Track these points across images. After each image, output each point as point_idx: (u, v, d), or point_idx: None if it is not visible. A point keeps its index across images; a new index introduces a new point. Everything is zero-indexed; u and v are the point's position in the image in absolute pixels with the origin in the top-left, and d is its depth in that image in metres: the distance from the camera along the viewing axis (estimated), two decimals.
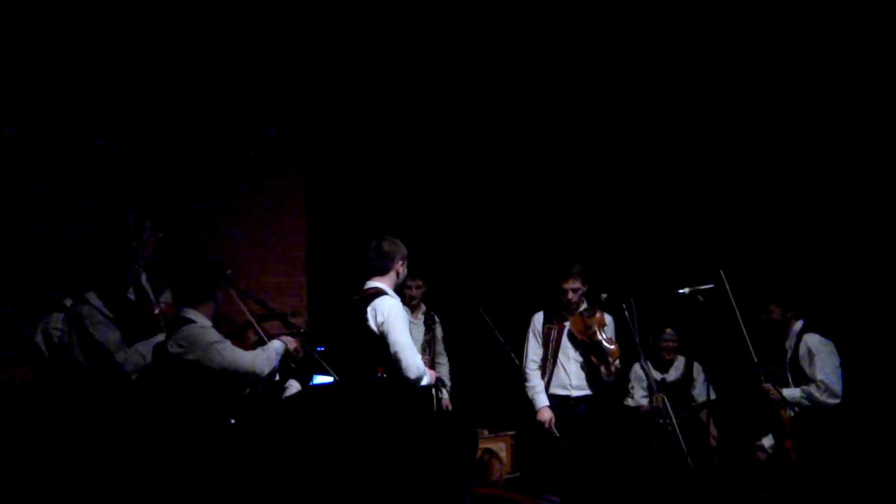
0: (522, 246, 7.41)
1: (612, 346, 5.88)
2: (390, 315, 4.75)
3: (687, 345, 6.50)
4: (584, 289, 5.97)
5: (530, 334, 6.10)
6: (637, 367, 6.44)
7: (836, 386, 5.47)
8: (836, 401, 5.46)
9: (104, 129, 6.49)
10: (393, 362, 4.72)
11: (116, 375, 4.62)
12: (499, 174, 7.52)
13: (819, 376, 5.46)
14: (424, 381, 4.80)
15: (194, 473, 4.24)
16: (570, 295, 5.91)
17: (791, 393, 5.53)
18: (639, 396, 6.49)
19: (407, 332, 4.79)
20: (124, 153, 6.52)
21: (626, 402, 6.51)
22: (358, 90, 7.31)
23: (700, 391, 6.35)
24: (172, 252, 5.30)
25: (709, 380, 6.04)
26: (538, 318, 6.10)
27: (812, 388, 5.47)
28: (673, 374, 6.50)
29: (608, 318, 6.00)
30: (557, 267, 5.95)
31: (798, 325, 5.64)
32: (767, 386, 5.53)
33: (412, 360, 4.72)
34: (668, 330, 6.49)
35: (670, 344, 6.50)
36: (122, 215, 5.00)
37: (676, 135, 7.26)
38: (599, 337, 5.88)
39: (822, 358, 5.50)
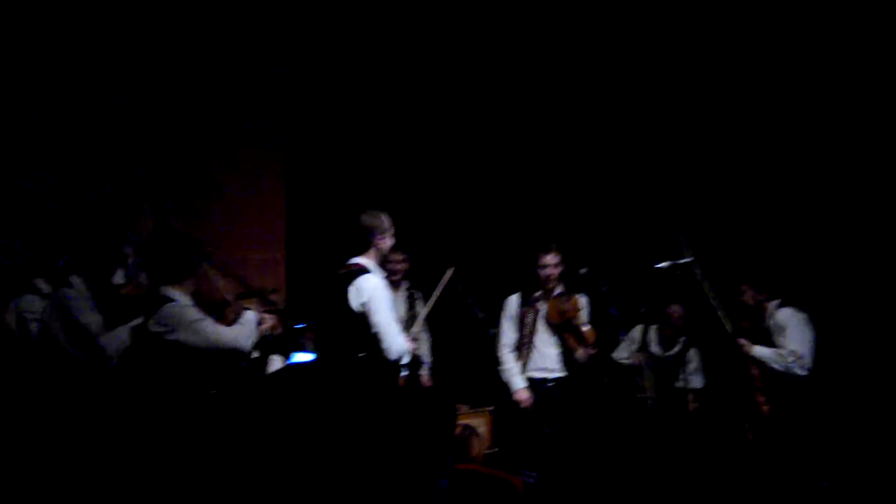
0: (501, 223, 7.41)
1: (588, 328, 5.90)
2: (374, 295, 4.61)
3: (689, 328, 6.52)
4: (562, 267, 5.98)
5: (504, 318, 6.07)
6: (637, 329, 6.44)
7: (808, 358, 5.48)
8: (805, 373, 5.47)
9: (83, 113, 6.44)
10: (374, 342, 4.60)
11: (99, 358, 4.61)
12: (478, 154, 7.50)
13: (791, 346, 5.48)
14: (405, 360, 4.73)
15: (179, 452, 4.25)
16: (549, 269, 5.90)
17: (762, 351, 5.56)
18: (621, 353, 6.52)
19: (390, 313, 4.66)
20: (104, 134, 6.48)
21: (612, 355, 6.54)
22: (335, 67, 7.27)
23: (689, 377, 6.40)
24: (162, 232, 5.30)
25: (705, 368, 6.07)
26: (513, 301, 6.07)
27: (784, 353, 5.49)
28: (671, 351, 6.53)
29: (583, 301, 5.99)
30: (535, 246, 5.94)
31: (773, 304, 5.67)
32: (741, 341, 5.59)
33: (394, 342, 4.60)
34: (676, 306, 6.49)
35: (676, 318, 6.49)
36: (117, 201, 4.99)
37: (651, 113, 7.27)
38: (575, 321, 5.90)
39: (792, 328, 5.54)
